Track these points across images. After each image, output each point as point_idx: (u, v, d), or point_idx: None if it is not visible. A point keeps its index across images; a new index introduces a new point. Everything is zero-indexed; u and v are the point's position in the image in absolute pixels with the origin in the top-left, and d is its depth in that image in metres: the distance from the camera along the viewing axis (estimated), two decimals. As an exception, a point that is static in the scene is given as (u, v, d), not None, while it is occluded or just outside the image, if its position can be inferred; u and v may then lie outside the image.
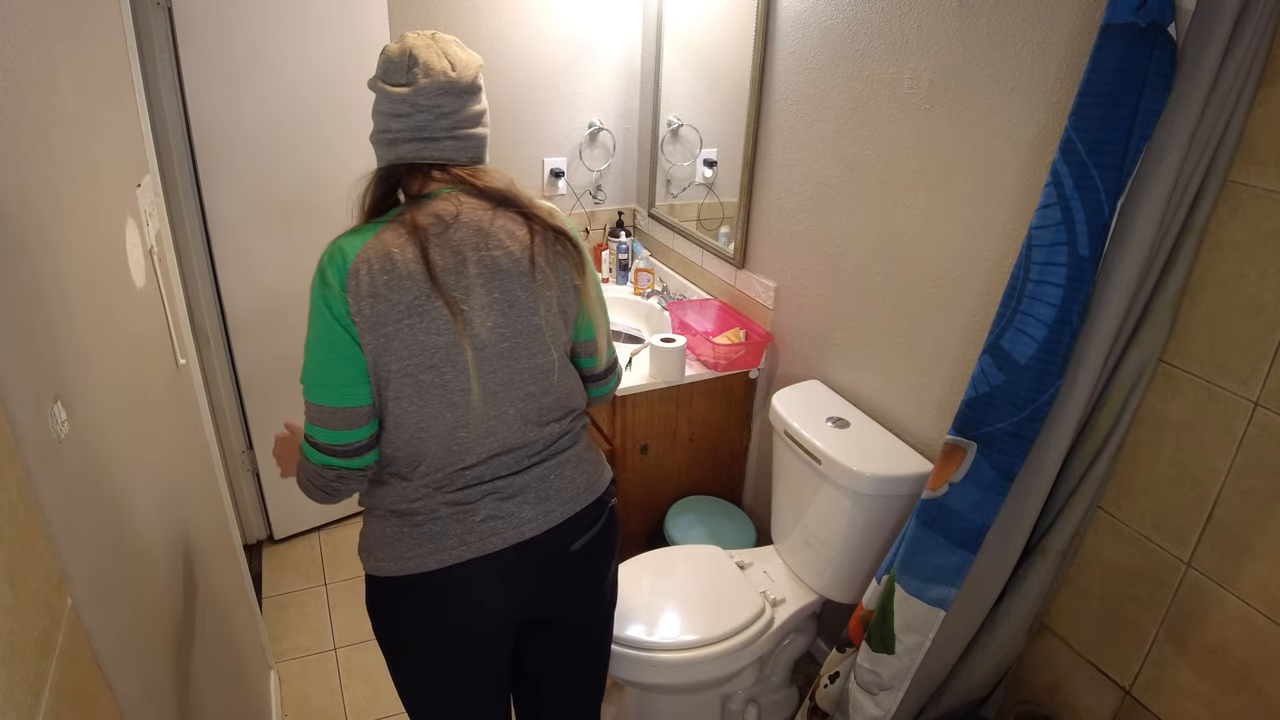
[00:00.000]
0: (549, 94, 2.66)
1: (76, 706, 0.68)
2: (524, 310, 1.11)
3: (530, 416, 1.15)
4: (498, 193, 1.11)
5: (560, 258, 1.14)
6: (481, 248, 1.08)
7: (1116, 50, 1.07)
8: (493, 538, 1.14)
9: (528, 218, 1.12)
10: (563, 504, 1.19)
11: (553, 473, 1.19)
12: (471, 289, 1.07)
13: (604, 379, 1.29)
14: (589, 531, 1.23)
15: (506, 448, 1.14)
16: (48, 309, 0.79)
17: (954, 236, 1.57)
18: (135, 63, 1.47)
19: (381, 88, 1.08)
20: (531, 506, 1.17)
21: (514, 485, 1.16)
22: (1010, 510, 1.35)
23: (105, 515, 0.88)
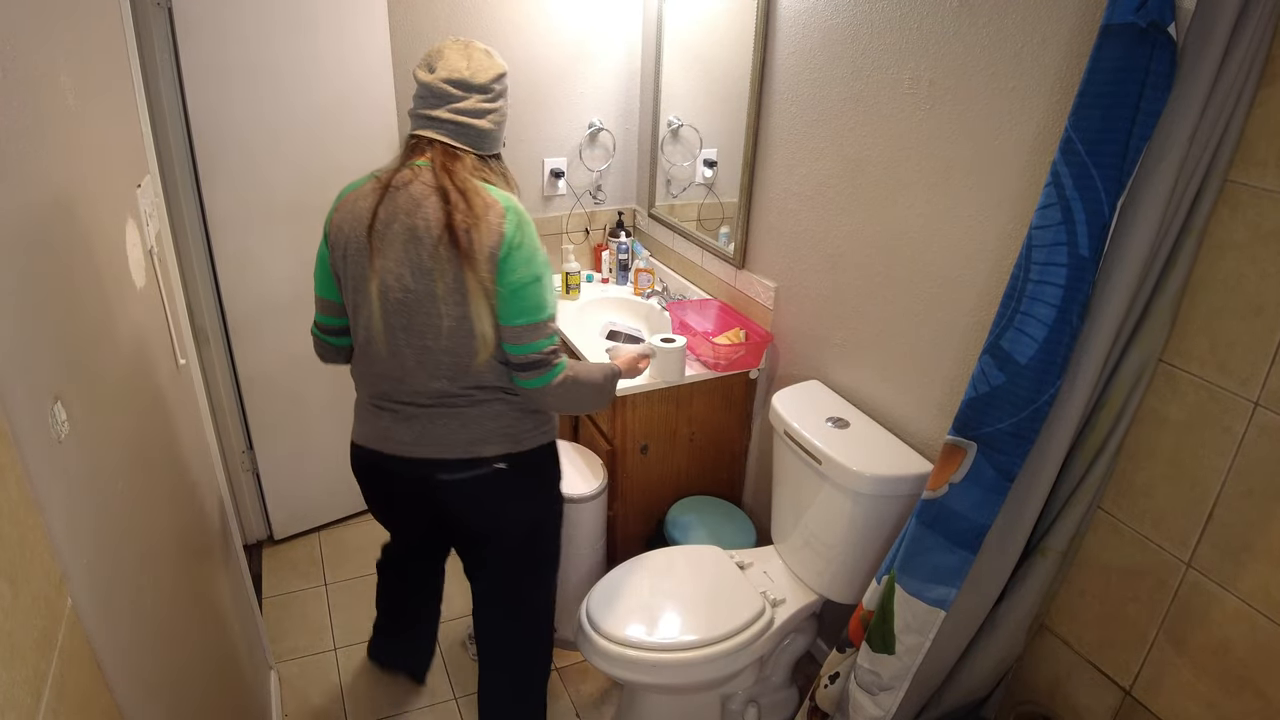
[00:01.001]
0: (549, 94, 2.66)
1: (77, 706, 0.68)
2: (426, 276, 1.32)
3: (425, 365, 1.39)
4: (446, 181, 1.32)
5: (476, 243, 1.30)
6: (411, 215, 1.32)
7: (1116, 50, 1.07)
8: (385, 441, 1.48)
9: (448, 205, 1.31)
10: (434, 447, 1.45)
11: (436, 420, 1.44)
12: (392, 244, 1.33)
13: (525, 371, 1.39)
14: (458, 474, 1.47)
15: (404, 379, 1.41)
16: (48, 309, 0.79)
17: (954, 236, 1.57)
18: (135, 63, 1.47)
19: (413, 72, 1.38)
20: (412, 436, 1.45)
21: (406, 413, 1.45)
22: (1010, 510, 1.35)
23: (105, 515, 0.88)
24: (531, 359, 1.37)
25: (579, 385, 1.45)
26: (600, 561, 2.24)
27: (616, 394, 2.06)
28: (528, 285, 1.34)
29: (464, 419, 1.44)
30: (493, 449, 1.46)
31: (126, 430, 1.02)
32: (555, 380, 1.40)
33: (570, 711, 2.09)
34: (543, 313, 1.36)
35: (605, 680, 2.18)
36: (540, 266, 1.37)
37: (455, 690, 2.14)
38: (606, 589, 1.81)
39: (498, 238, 1.30)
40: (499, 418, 1.46)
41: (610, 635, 1.68)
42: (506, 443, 1.47)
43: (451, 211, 1.29)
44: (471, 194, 1.31)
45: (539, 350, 1.37)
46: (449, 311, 1.33)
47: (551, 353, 1.39)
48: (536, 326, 1.36)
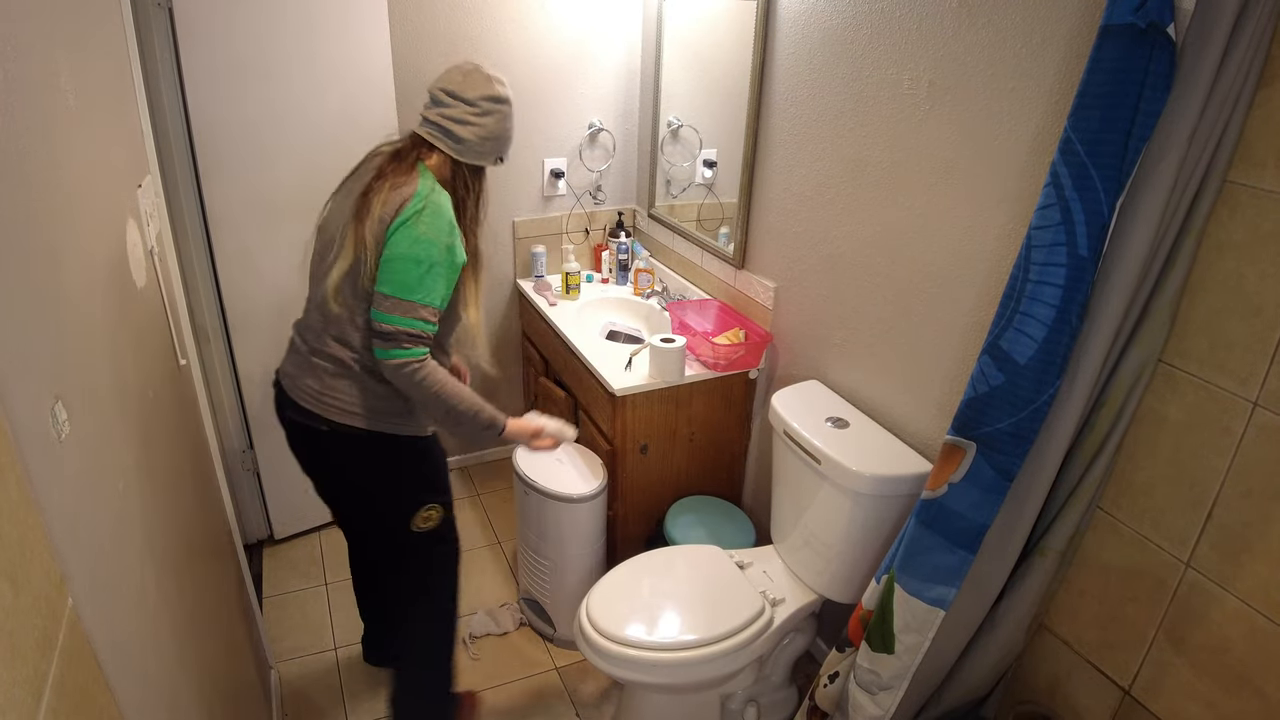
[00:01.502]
0: (549, 95, 2.66)
1: (77, 706, 0.68)
2: (337, 236, 1.51)
3: (313, 300, 1.59)
4: (393, 160, 1.53)
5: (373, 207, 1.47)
6: (357, 177, 1.57)
7: (1116, 51, 1.07)
8: (283, 365, 1.65)
9: (378, 174, 1.50)
10: (297, 392, 1.58)
11: (303, 365, 1.59)
12: (338, 205, 1.56)
13: (377, 339, 1.48)
14: (310, 421, 1.58)
15: (306, 314, 1.62)
16: (48, 309, 0.79)
17: (953, 236, 1.57)
18: (136, 63, 1.48)
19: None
20: (292, 370, 1.61)
21: (296, 346, 1.63)
22: (1009, 510, 1.35)
23: (105, 515, 0.88)
24: (384, 329, 1.46)
25: (428, 386, 1.50)
26: (600, 561, 2.24)
27: (616, 394, 2.07)
28: (403, 261, 1.45)
29: (319, 371, 1.56)
30: (330, 409, 1.55)
31: (126, 430, 1.02)
32: (398, 361, 1.47)
33: (570, 711, 2.09)
34: (411, 293, 1.46)
35: (605, 680, 2.18)
36: (427, 253, 1.46)
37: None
38: (606, 589, 1.82)
39: (393, 211, 1.45)
40: (349, 387, 1.55)
41: (610, 635, 1.68)
42: (336, 412, 1.56)
43: (375, 179, 1.49)
44: (403, 173, 1.50)
45: (394, 324, 1.46)
46: (337, 265, 1.49)
47: (407, 334, 1.47)
48: (399, 303, 1.45)
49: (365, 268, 1.47)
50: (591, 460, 2.22)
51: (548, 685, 2.17)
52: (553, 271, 2.89)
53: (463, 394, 1.57)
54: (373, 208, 1.46)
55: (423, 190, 1.48)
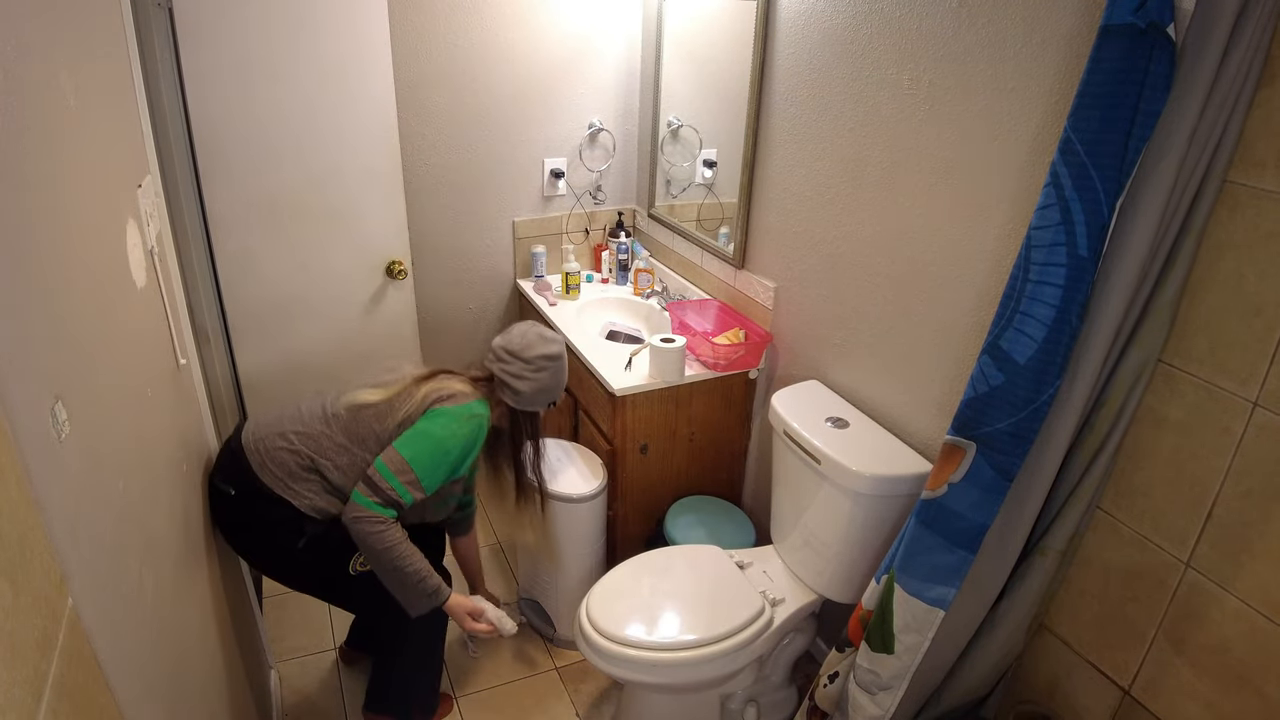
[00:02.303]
0: (549, 95, 2.66)
1: (77, 706, 0.68)
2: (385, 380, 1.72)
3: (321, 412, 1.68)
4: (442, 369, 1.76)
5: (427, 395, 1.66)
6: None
7: (1116, 51, 1.07)
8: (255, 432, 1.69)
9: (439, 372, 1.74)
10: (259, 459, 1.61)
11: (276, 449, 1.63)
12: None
13: (364, 485, 1.56)
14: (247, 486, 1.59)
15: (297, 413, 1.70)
16: (48, 309, 0.79)
17: (953, 236, 1.57)
18: (136, 63, 1.47)
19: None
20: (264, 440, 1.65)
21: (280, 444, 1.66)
22: (1009, 510, 1.35)
23: (105, 515, 0.88)
24: (377, 481, 1.55)
25: (382, 541, 1.54)
26: (600, 561, 2.24)
27: (616, 394, 2.07)
28: (432, 439, 1.60)
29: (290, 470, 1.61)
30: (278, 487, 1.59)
31: (126, 430, 1.02)
32: (370, 513, 1.54)
33: (570, 711, 2.09)
34: (418, 468, 1.57)
35: (605, 680, 2.18)
36: (452, 446, 1.61)
37: (455, 690, 2.14)
38: (606, 589, 1.82)
39: (445, 397, 1.65)
40: (311, 491, 1.61)
41: (610, 634, 1.68)
42: (261, 468, 1.60)
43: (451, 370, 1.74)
44: (468, 385, 1.71)
45: (387, 481, 1.55)
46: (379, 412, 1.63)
47: (390, 495, 1.55)
48: (406, 469, 1.56)
49: (391, 418, 1.61)
50: (591, 460, 2.22)
51: (548, 685, 2.17)
52: (553, 271, 2.89)
53: (414, 557, 1.60)
54: (435, 381, 1.67)
55: (477, 406, 1.67)
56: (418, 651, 1.87)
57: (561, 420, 2.57)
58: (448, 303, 2.81)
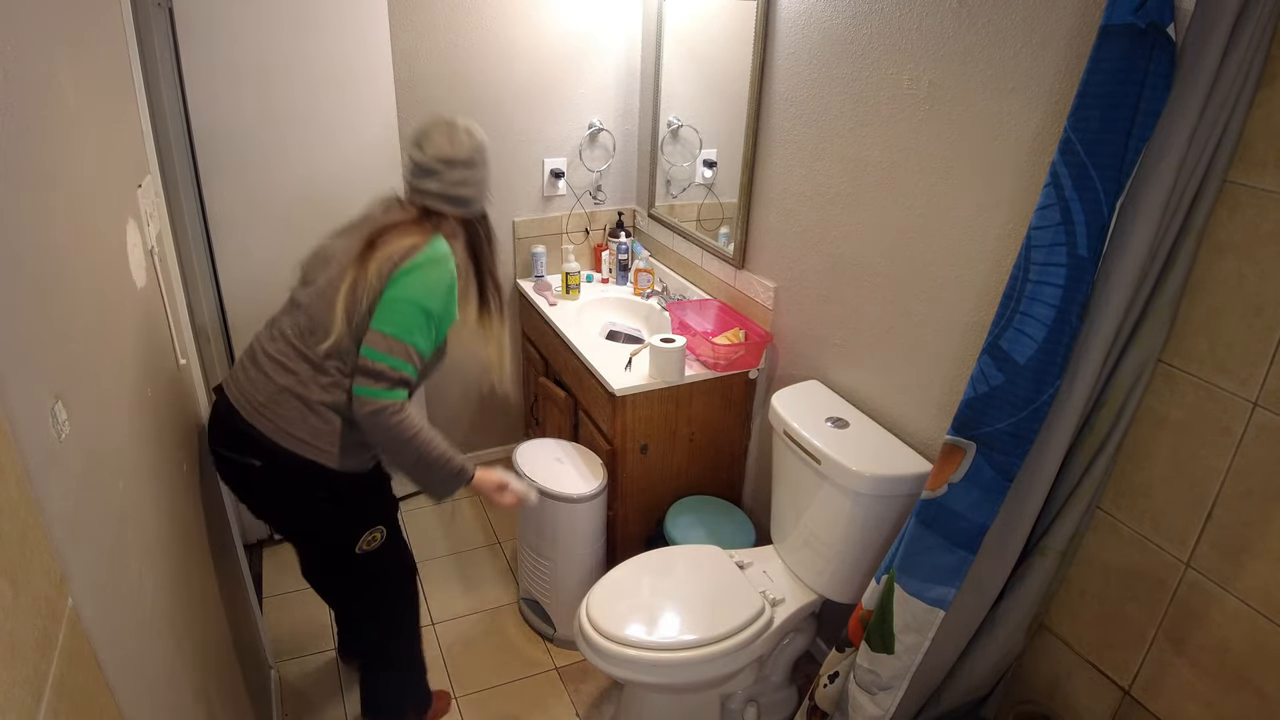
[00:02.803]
0: (549, 94, 2.66)
1: (77, 706, 0.68)
2: (334, 263, 1.52)
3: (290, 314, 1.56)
4: (395, 220, 1.53)
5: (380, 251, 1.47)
6: (361, 228, 1.55)
7: (1116, 51, 1.07)
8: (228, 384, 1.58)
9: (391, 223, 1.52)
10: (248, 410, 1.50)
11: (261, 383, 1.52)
12: (339, 241, 1.57)
13: (361, 375, 1.46)
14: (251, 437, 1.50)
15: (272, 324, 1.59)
16: (49, 309, 0.79)
17: (953, 236, 1.57)
18: (136, 63, 1.48)
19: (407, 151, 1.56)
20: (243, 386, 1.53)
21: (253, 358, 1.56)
22: (1009, 510, 1.35)
23: (105, 515, 0.88)
24: (374, 367, 1.44)
25: (402, 431, 1.47)
26: (600, 561, 2.24)
27: (616, 393, 2.07)
28: (407, 304, 1.46)
29: (282, 401, 1.49)
30: (266, 426, 1.49)
31: (126, 430, 1.02)
32: (379, 403, 1.44)
33: (570, 711, 2.09)
34: (409, 335, 1.46)
35: (605, 680, 2.18)
36: (430, 302, 1.47)
37: (455, 690, 2.14)
38: (606, 588, 1.82)
39: (400, 257, 1.46)
40: (313, 424, 1.49)
41: (610, 634, 1.68)
42: (308, 449, 1.50)
43: (388, 227, 1.49)
44: (415, 230, 1.51)
45: (384, 363, 1.44)
46: (331, 286, 1.48)
47: (393, 375, 1.45)
48: (396, 343, 1.45)
49: (360, 303, 1.45)
50: (591, 460, 2.22)
51: (548, 685, 2.17)
52: (553, 271, 2.89)
53: (436, 440, 1.53)
54: (380, 247, 1.46)
55: (435, 248, 1.50)
56: (396, 654, 1.86)
57: (561, 420, 2.57)
58: (448, 303, 2.81)
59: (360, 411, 1.45)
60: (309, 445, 1.50)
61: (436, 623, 2.37)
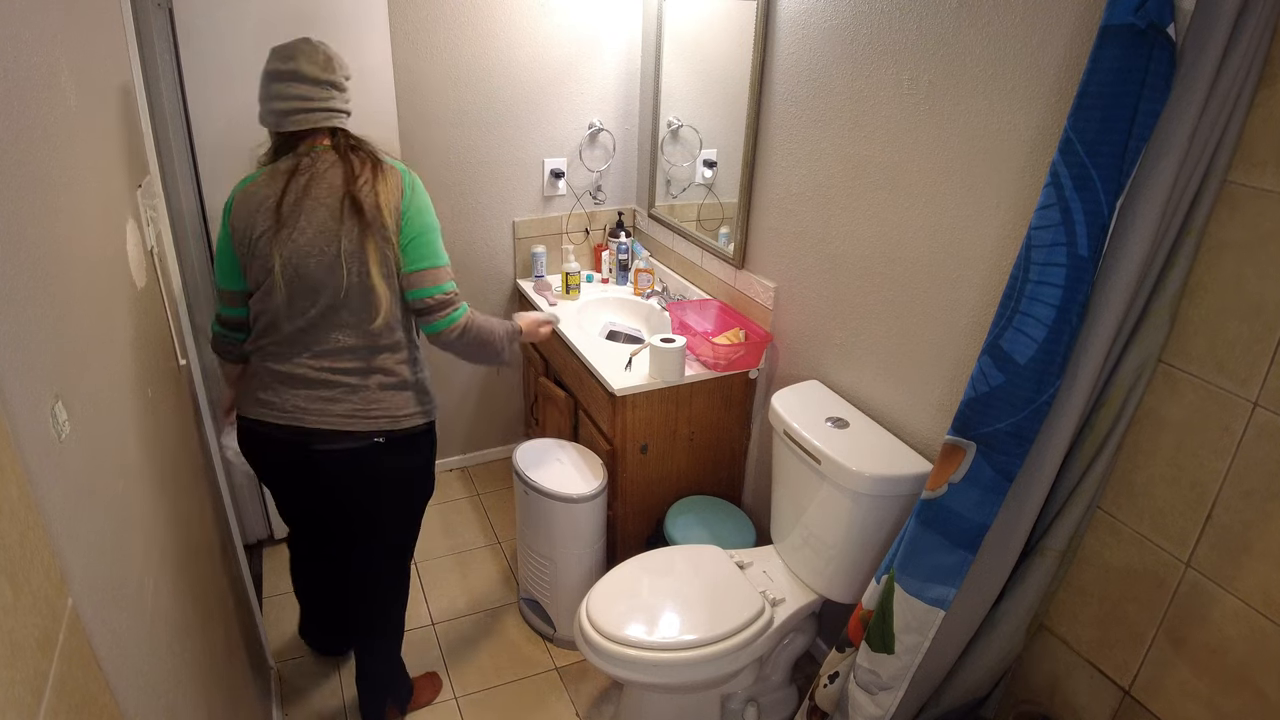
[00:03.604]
0: (549, 94, 2.66)
1: (77, 706, 0.68)
2: (332, 239, 1.46)
3: (329, 321, 1.51)
4: (353, 156, 1.50)
5: (381, 202, 1.47)
6: (318, 187, 1.47)
7: (1115, 51, 1.07)
8: (278, 402, 1.55)
9: (353, 173, 1.48)
10: (328, 421, 1.54)
11: (322, 393, 1.54)
12: (300, 218, 1.47)
13: (430, 314, 1.56)
14: (348, 443, 1.56)
15: (308, 342, 1.52)
16: (48, 309, 0.79)
17: (953, 236, 1.57)
18: (136, 63, 1.48)
19: (275, 70, 1.49)
20: (304, 404, 1.54)
21: (307, 378, 1.54)
22: (1009, 510, 1.35)
23: (105, 515, 0.88)
24: (436, 299, 1.54)
25: (480, 331, 1.62)
26: (600, 561, 2.24)
27: (617, 394, 2.07)
28: (425, 234, 1.53)
29: (358, 391, 1.55)
30: (371, 424, 1.57)
31: (126, 430, 1.02)
32: (460, 321, 1.58)
33: (570, 711, 2.09)
34: (441, 259, 1.56)
35: (605, 680, 2.18)
36: (434, 219, 1.56)
37: (455, 690, 2.14)
38: (606, 588, 1.82)
39: (398, 194, 1.50)
40: (400, 394, 1.59)
41: (610, 635, 1.68)
42: (387, 421, 1.58)
43: (355, 178, 1.48)
44: (372, 164, 1.51)
45: (443, 292, 1.55)
46: (351, 268, 1.48)
47: (453, 295, 1.58)
48: (437, 271, 1.54)
49: (392, 264, 1.50)
50: (591, 460, 2.22)
51: (548, 685, 2.17)
52: (553, 271, 2.89)
53: (492, 320, 1.68)
54: (378, 202, 1.47)
55: (400, 167, 1.55)
56: (401, 620, 1.95)
57: (561, 420, 2.57)
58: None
59: (448, 341, 1.59)
60: (419, 412, 1.63)
61: (436, 623, 2.37)
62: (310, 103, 1.49)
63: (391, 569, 1.86)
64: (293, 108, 1.48)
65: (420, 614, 2.39)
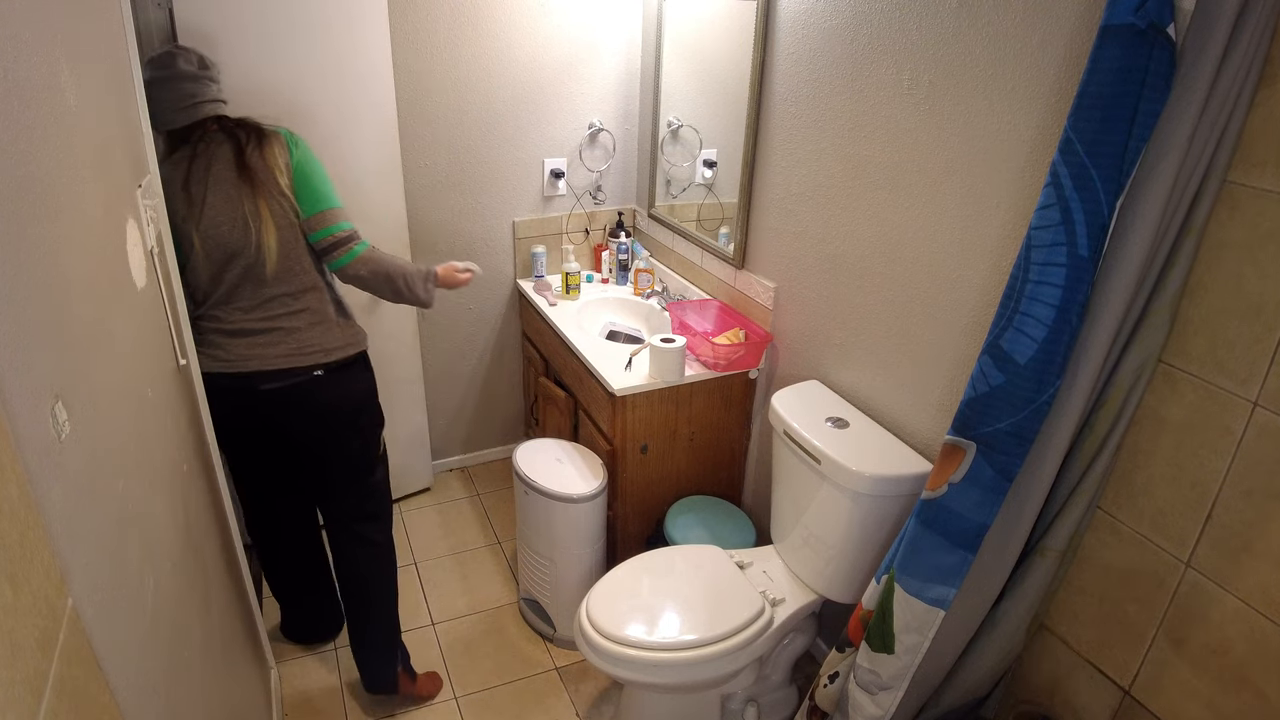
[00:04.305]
0: (549, 95, 2.66)
1: (77, 706, 0.68)
2: (234, 204, 1.64)
3: (251, 279, 1.68)
4: (241, 131, 1.68)
5: (270, 162, 1.66)
6: (215, 163, 1.65)
7: (1116, 51, 1.07)
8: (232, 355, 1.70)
9: (240, 144, 1.66)
10: (273, 361, 1.70)
11: (264, 338, 1.70)
12: (208, 192, 1.64)
13: (331, 252, 1.73)
14: (297, 379, 1.72)
15: (233, 299, 1.69)
16: (48, 309, 0.79)
17: (954, 236, 1.57)
18: (136, 63, 1.47)
19: (156, 77, 1.61)
20: (247, 352, 1.70)
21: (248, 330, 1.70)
22: (1009, 510, 1.35)
23: (105, 515, 0.88)
24: (334, 237, 1.71)
25: (382, 263, 1.77)
26: (600, 561, 2.24)
27: (617, 394, 2.07)
28: (314, 181, 1.71)
29: (290, 332, 1.71)
30: (307, 359, 1.73)
31: (126, 430, 1.02)
32: (361, 253, 1.74)
33: (570, 711, 2.09)
34: (333, 201, 1.73)
35: (605, 680, 2.18)
36: (322, 169, 1.74)
37: (455, 690, 2.14)
38: (606, 588, 1.82)
39: (285, 153, 1.69)
40: (312, 334, 1.74)
41: (610, 635, 1.68)
42: (319, 354, 1.74)
43: (244, 149, 1.65)
44: (259, 130, 1.70)
45: (341, 230, 1.72)
46: (255, 226, 1.65)
47: (351, 232, 1.74)
48: (334, 212, 1.72)
49: (296, 218, 1.68)
50: (591, 460, 2.22)
51: (548, 685, 2.17)
52: (553, 271, 2.89)
53: (398, 259, 1.82)
54: (267, 163, 1.65)
55: (283, 131, 1.72)
56: (393, 588, 2.04)
57: (561, 420, 2.57)
58: (448, 303, 2.81)
59: (354, 275, 1.75)
60: (350, 344, 1.79)
61: (436, 623, 2.37)
62: (195, 97, 1.65)
63: (370, 513, 1.96)
64: (183, 104, 1.64)
65: (420, 614, 2.39)
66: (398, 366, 2.67)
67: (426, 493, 2.97)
